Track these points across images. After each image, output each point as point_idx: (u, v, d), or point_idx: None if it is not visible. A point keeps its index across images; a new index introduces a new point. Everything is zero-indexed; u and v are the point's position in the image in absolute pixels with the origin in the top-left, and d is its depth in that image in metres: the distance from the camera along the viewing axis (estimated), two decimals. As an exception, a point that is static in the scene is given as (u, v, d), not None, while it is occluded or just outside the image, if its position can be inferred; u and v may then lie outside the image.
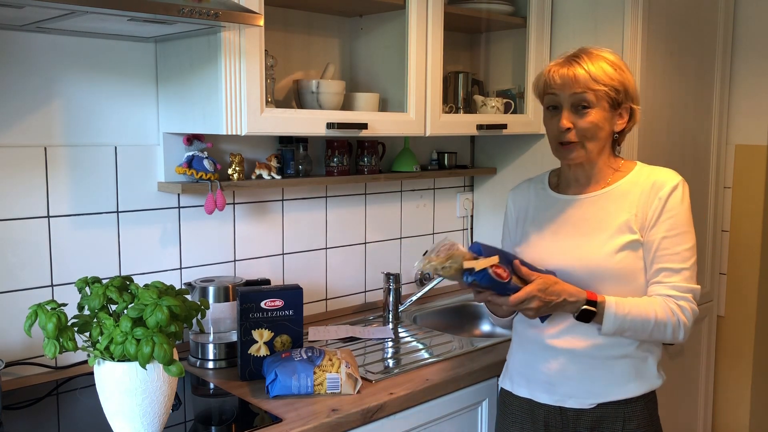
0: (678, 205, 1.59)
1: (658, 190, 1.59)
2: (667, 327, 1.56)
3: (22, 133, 1.76)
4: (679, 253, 1.57)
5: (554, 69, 1.60)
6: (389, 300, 2.39)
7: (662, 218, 1.58)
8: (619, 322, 1.54)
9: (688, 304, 1.57)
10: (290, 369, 1.67)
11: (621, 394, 1.61)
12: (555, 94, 1.60)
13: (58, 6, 1.35)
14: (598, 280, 1.58)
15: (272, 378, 1.66)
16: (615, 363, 1.61)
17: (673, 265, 1.57)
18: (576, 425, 1.64)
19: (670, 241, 1.57)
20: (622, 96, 1.59)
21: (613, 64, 1.59)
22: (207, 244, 2.11)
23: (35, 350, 1.81)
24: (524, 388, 1.70)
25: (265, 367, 1.72)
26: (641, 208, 1.59)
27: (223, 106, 1.73)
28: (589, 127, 1.57)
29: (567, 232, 1.64)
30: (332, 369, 1.68)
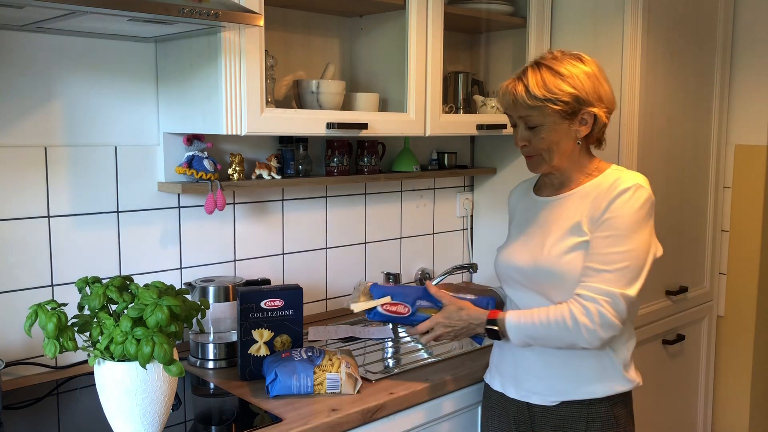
0: (622, 207, 1.53)
1: (612, 191, 1.55)
2: (562, 330, 1.52)
3: (22, 133, 1.76)
4: (606, 254, 1.51)
5: (503, 89, 1.62)
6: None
7: (602, 218, 1.54)
8: (522, 332, 1.58)
9: (593, 306, 1.49)
10: (290, 369, 1.67)
11: (584, 393, 1.62)
12: (509, 114, 1.64)
13: (58, 6, 1.35)
14: (548, 280, 1.60)
15: (272, 378, 1.66)
16: (578, 362, 1.61)
17: (596, 265, 1.52)
18: (542, 422, 1.66)
19: (601, 242, 1.52)
20: (573, 105, 1.55)
21: (561, 75, 1.54)
22: (207, 244, 2.11)
23: (35, 350, 1.81)
24: (498, 382, 1.75)
25: (265, 367, 1.72)
26: (594, 209, 1.56)
27: (223, 106, 1.73)
28: (540, 143, 1.59)
29: (532, 233, 1.67)
30: (332, 369, 1.68)
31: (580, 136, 1.59)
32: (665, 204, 2.56)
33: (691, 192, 2.69)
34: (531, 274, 1.62)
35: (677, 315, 2.69)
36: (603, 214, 1.54)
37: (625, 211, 1.52)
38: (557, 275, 1.57)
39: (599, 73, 1.60)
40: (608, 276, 1.50)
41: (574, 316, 1.51)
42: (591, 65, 1.59)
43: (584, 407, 1.62)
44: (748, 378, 2.86)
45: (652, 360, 2.62)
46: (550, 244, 1.60)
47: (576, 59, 1.59)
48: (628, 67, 2.31)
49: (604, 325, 1.50)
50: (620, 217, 1.52)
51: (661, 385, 2.69)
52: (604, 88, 1.60)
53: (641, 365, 2.53)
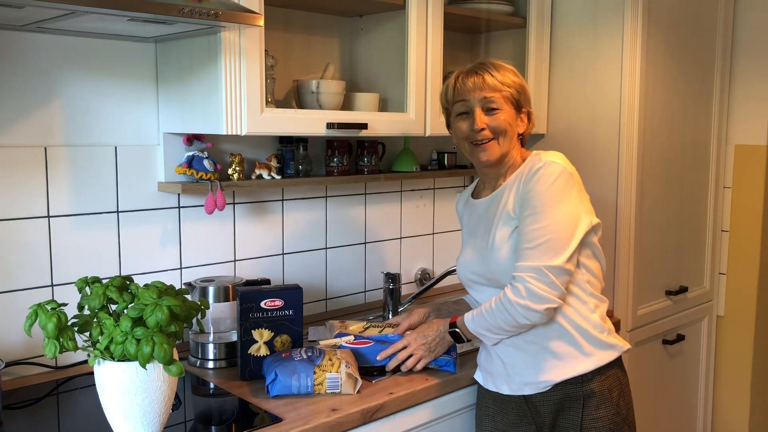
0: (536, 185, 1.60)
1: (529, 171, 1.64)
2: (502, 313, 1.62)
3: (22, 133, 1.76)
4: (527, 233, 1.59)
5: (462, 76, 1.72)
6: (389, 300, 2.39)
7: (522, 199, 1.63)
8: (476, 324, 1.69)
9: (521, 285, 1.58)
10: (290, 369, 1.67)
11: (571, 372, 1.66)
12: (465, 100, 1.70)
13: (58, 6, 1.35)
14: (498, 272, 1.68)
15: (272, 378, 1.66)
16: (557, 343, 1.66)
17: (522, 245, 1.60)
18: (543, 410, 1.70)
19: (523, 222, 1.61)
20: (523, 99, 1.72)
21: (513, 72, 1.72)
22: (207, 244, 2.11)
23: (35, 350, 1.81)
24: (490, 383, 1.78)
25: (265, 367, 1.72)
26: (517, 193, 1.65)
27: (223, 106, 1.73)
28: (501, 124, 1.68)
29: (477, 234, 1.77)
30: (332, 369, 1.68)
31: (520, 130, 1.74)
32: (665, 204, 2.56)
33: (691, 192, 2.69)
34: (484, 272, 1.72)
35: (677, 315, 2.70)
36: (522, 195, 1.63)
37: (540, 188, 1.60)
38: (503, 265, 1.65)
39: None
40: (532, 252, 1.58)
41: (507, 297, 1.60)
42: None
43: (578, 385, 1.66)
44: (748, 378, 2.86)
45: (652, 360, 2.62)
46: (490, 241, 1.69)
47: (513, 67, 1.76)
48: (628, 67, 2.31)
49: (534, 299, 1.57)
50: (536, 195, 1.60)
51: (661, 385, 2.69)
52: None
53: (641, 365, 2.55)
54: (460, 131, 1.73)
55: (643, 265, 2.48)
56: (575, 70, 2.46)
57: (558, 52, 2.51)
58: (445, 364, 1.85)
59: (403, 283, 2.63)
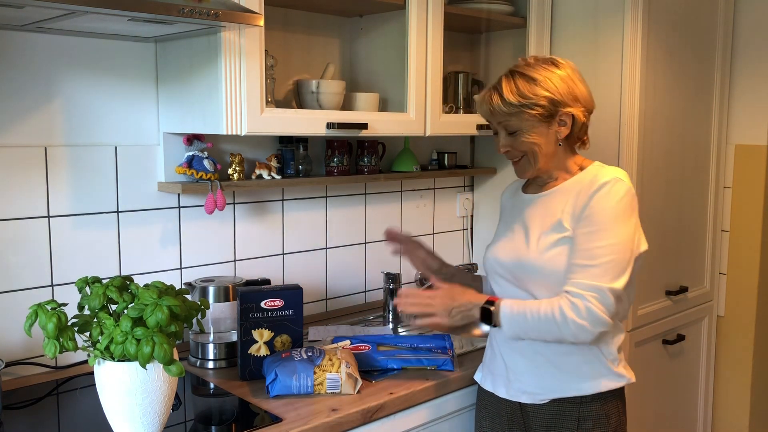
0: (601, 201, 1.55)
1: (591, 186, 1.57)
2: (552, 324, 1.52)
3: (22, 133, 1.76)
4: (589, 249, 1.53)
5: (478, 101, 1.67)
6: (389, 300, 2.39)
7: (584, 214, 1.56)
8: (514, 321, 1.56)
9: (581, 302, 1.50)
10: (290, 369, 1.67)
11: (573, 391, 1.63)
12: (489, 122, 1.68)
13: (58, 6, 1.35)
14: (530, 275, 1.63)
15: (272, 378, 1.66)
16: (565, 359, 1.62)
17: (581, 261, 1.53)
18: (535, 421, 1.67)
19: (584, 237, 1.54)
20: (549, 108, 1.58)
21: (535, 80, 1.58)
22: (207, 244, 2.11)
23: (35, 350, 1.81)
24: (489, 382, 1.77)
25: (265, 367, 1.72)
26: (575, 205, 1.58)
27: (223, 106, 1.73)
28: (522, 146, 1.63)
29: (516, 229, 1.71)
30: (332, 369, 1.68)
31: (560, 137, 1.63)
32: (665, 204, 2.56)
33: (691, 192, 2.69)
34: (513, 269, 1.66)
35: (677, 315, 2.69)
36: (584, 210, 1.56)
37: (605, 204, 1.54)
38: (539, 271, 1.60)
39: (573, 74, 1.63)
40: (594, 271, 1.51)
41: (563, 311, 1.51)
42: (565, 68, 1.62)
43: (575, 405, 1.63)
44: (748, 378, 2.85)
45: (652, 360, 2.62)
46: (533, 240, 1.62)
47: (549, 63, 1.62)
48: (628, 67, 2.31)
49: (592, 321, 1.51)
50: (601, 211, 1.54)
51: (661, 385, 2.69)
52: (580, 89, 1.63)
53: (641, 365, 2.54)
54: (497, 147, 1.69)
55: (643, 265, 2.47)
56: (575, 70, 2.46)
57: (558, 52, 2.51)
58: (443, 364, 1.85)
59: (403, 283, 2.62)
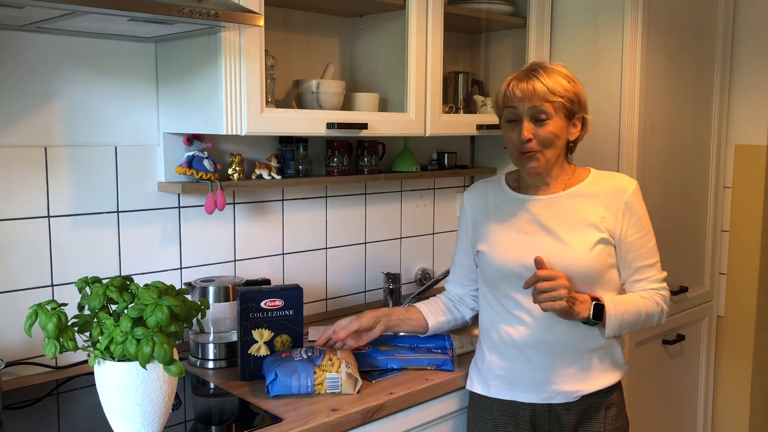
0: (640, 207, 1.73)
1: (622, 193, 1.70)
2: (654, 317, 1.73)
3: (22, 133, 1.76)
4: (650, 249, 1.73)
5: (513, 83, 1.68)
6: (389, 300, 2.39)
7: (632, 221, 1.70)
8: (618, 321, 1.66)
9: (666, 292, 1.76)
10: (290, 369, 1.67)
11: (602, 383, 1.72)
12: (514, 107, 1.67)
13: (58, 6, 1.35)
14: (572, 275, 1.64)
15: (272, 378, 1.66)
16: (592, 355, 1.71)
17: (648, 260, 1.73)
18: (566, 420, 1.71)
19: (641, 240, 1.71)
20: (576, 107, 1.68)
21: (566, 77, 1.68)
22: (207, 244, 2.11)
23: (35, 350, 1.81)
24: (505, 391, 1.74)
25: (265, 367, 1.72)
26: (608, 210, 1.69)
27: (223, 106, 1.73)
28: (548, 136, 1.66)
29: (534, 231, 1.71)
30: (332, 369, 1.68)
31: (571, 138, 1.71)
32: (665, 204, 2.56)
33: (691, 192, 2.69)
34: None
35: (677, 315, 2.69)
36: (629, 217, 1.70)
37: (643, 209, 1.74)
38: (584, 270, 1.66)
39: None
40: (658, 265, 1.76)
41: (661, 305, 1.74)
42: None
43: (602, 396, 1.73)
44: (748, 378, 2.86)
45: (652, 360, 2.62)
46: (573, 242, 1.66)
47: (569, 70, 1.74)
48: (628, 67, 2.31)
49: (669, 306, 1.78)
50: (644, 216, 1.73)
51: (661, 385, 2.69)
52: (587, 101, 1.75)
53: (641, 365, 2.55)
54: (508, 139, 1.70)
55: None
56: (575, 70, 2.44)
57: (558, 52, 2.51)
58: (443, 364, 1.85)
59: (403, 283, 2.63)
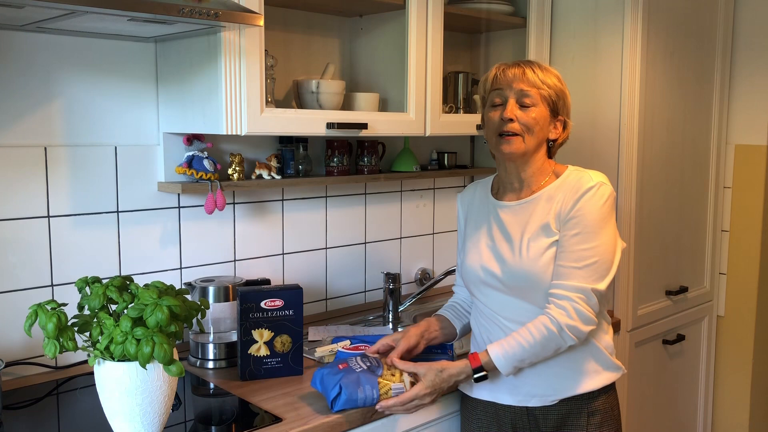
0: (587, 204, 1.58)
1: (576, 191, 1.60)
2: (553, 340, 1.56)
3: (22, 133, 1.76)
4: (575, 252, 1.56)
5: (503, 67, 1.67)
6: (389, 300, 2.40)
7: (569, 216, 1.59)
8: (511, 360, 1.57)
9: (569, 304, 1.55)
10: (355, 382, 1.59)
11: (581, 388, 1.65)
12: (501, 89, 1.65)
13: (58, 6, 1.35)
14: (525, 283, 1.61)
15: (336, 393, 1.58)
16: (571, 357, 1.64)
17: (567, 263, 1.57)
18: (544, 423, 1.67)
19: (570, 239, 1.57)
20: (560, 105, 1.66)
21: (557, 77, 1.66)
22: (207, 244, 2.11)
23: (35, 350, 1.81)
24: (486, 391, 1.72)
25: (322, 380, 1.63)
26: (559, 209, 1.61)
27: (223, 106, 1.73)
28: (530, 121, 1.62)
29: (498, 238, 1.68)
30: (395, 379, 1.62)
31: (551, 136, 1.68)
32: (665, 204, 2.56)
33: (691, 192, 2.69)
34: (507, 279, 1.64)
35: (677, 315, 2.70)
36: (569, 212, 1.59)
37: (592, 207, 1.58)
38: (535, 277, 1.60)
39: None
40: (580, 273, 1.56)
41: (555, 320, 1.55)
42: None
43: (584, 401, 1.66)
44: (748, 378, 2.86)
45: (652, 360, 2.62)
46: (525, 248, 1.62)
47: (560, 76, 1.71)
48: (628, 67, 2.31)
49: (583, 321, 1.56)
50: (588, 214, 1.58)
51: (661, 385, 2.69)
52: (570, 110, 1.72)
53: (641, 365, 2.55)
54: (491, 121, 1.66)
55: (643, 265, 2.48)
56: (575, 71, 2.46)
57: (558, 52, 2.51)
58: None
59: (403, 283, 2.63)
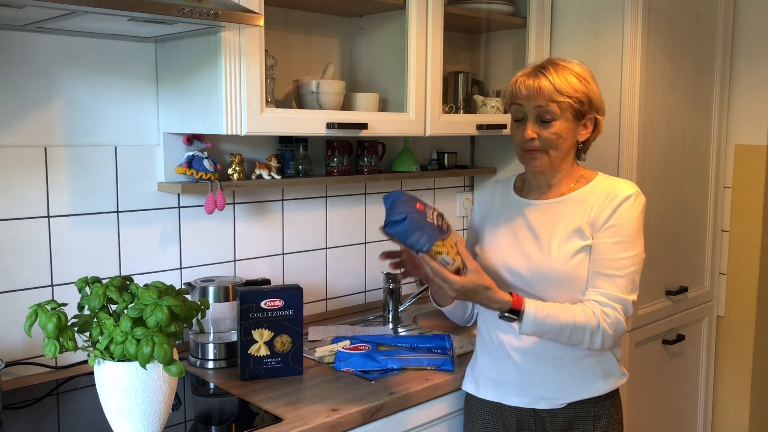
0: (626, 214, 1.60)
1: (612, 198, 1.61)
2: (585, 332, 1.55)
3: (22, 133, 1.76)
4: (616, 260, 1.58)
5: (521, 80, 1.63)
6: (389, 300, 2.40)
7: (607, 224, 1.59)
8: (538, 324, 1.53)
9: (613, 313, 1.57)
10: (420, 225, 1.47)
11: (590, 392, 1.66)
12: (521, 105, 1.63)
13: (58, 6, 1.35)
14: (552, 284, 1.61)
15: (401, 218, 1.46)
16: (582, 362, 1.65)
17: (608, 271, 1.58)
18: (551, 426, 1.67)
19: (610, 247, 1.58)
20: (586, 107, 1.62)
21: (578, 75, 1.61)
22: (207, 244, 2.11)
23: (35, 350, 1.81)
24: (492, 392, 1.72)
25: (395, 202, 1.51)
26: (595, 215, 1.61)
27: (223, 106, 1.73)
28: (552, 137, 1.61)
29: (524, 236, 1.67)
30: (452, 253, 1.51)
31: (580, 139, 1.66)
32: (665, 204, 2.56)
33: (691, 192, 2.69)
34: (530, 277, 1.63)
35: (677, 315, 2.70)
36: (608, 221, 1.59)
37: (630, 217, 1.60)
38: (561, 277, 1.60)
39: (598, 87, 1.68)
40: (620, 281, 1.58)
41: (598, 321, 1.55)
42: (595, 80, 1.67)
43: (591, 405, 1.67)
44: (748, 378, 2.86)
45: (652, 360, 2.62)
46: (553, 249, 1.62)
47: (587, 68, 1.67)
48: (628, 67, 2.31)
49: (618, 332, 1.58)
50: (627, 224, 1.59)
51: (661, 385, 2.69)
52: (603, 103, 1.68)
53: (641, 365, 2.55)
54: (515, 136, 1.66)
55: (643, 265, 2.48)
56: (575, 70, 2.46)
57: (558, 52, 2.51)
58: (443, 364, 1.85)
59: (403, 283, 2.62)
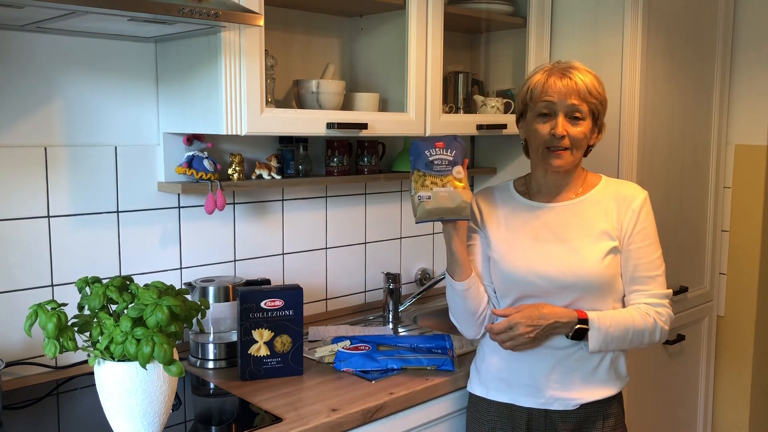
0: (648, 216, 1.69)
1: (630, 202, 1.68)
2: (644, 334, 1.65)
3: (22, 133, 1.76)
4: (652, 261, 1.67)
5: (553, 77, 1.63)
6: (389, 300, 2.40)
7: (636, 229, 1.66)
8: (602, 336, 1.61)
9: (665, 310, 1.68)
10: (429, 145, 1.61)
11: (602, 393, 1.69)
12: (552, 101, 1.62)
13: (58, 6, 1.35)
14: (584, 285, 1.63)
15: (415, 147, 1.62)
16: (596, 363, 1.68)
17: (649, 272, 1.67)
18: (562, 427, 1.68)
19: (644, 250, 1.67)
20: (602, 112, 1.68)
21: (599, 80, 1.67)
22: (207, 244, 2.11)
23: (35, 350, 1.81)
24: (503, 393, 1.72)
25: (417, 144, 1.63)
26: (617, 218, 1.67)
27: (223, 106, 1.73)
28: (579, 136, 1.64)
29: (547, 239, 1.68)
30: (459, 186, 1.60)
31: (591, 142, 1.71)
32: (665, 204, 2.56)
33: (691, 192, 2.69)
34: (565, 281, 1.63)
35: (677, 315, 2.67)
36: (636, 225, 1.66)
37: (652, 218, 1.70)
38: (595, 279, 1.64)
39: None
40: (660, 279, 1.68)
41: (654, 321, 1.65)
42: None
43: (601, 406, 1.70)
44: (748, 378, 2.86)
45: (652, 360, 2.62)
46: (585, 250, 1.64)
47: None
48: (628, 67, 2.31)
49: (669, 326, 1.69)
50: (651, 225, 1.69)
51: (661, 385, 2.69)
52: None
53: (641, 365, 2.54)
54: (538, 133, 1.64)
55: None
56: (575, 70, 2.46)
57: (558, 52, 2.51)
58: (443, 364, 1.85)
59: (403, 283, 2.63)
